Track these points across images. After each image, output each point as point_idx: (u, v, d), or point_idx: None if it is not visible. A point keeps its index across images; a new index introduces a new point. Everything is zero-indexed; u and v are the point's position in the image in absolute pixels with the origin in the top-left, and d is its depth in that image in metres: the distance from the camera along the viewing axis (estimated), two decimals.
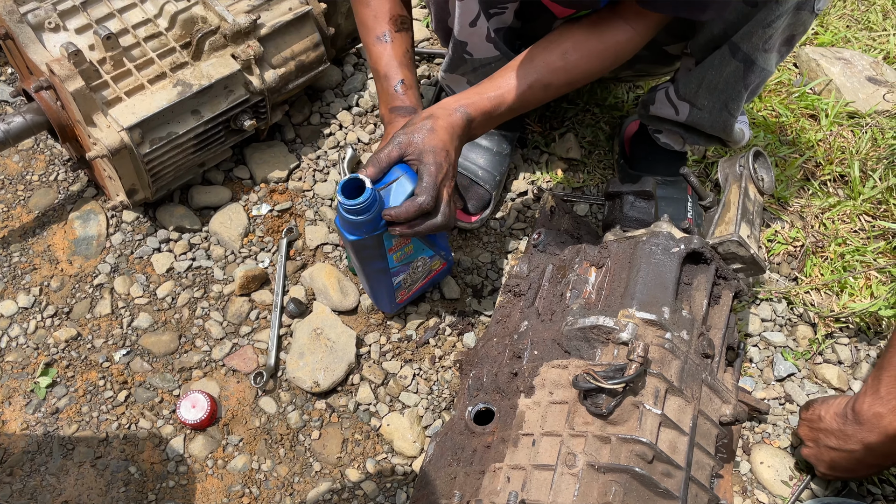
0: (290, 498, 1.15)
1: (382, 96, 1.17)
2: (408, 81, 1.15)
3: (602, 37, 1.07)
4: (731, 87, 1.15)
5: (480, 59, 1.22)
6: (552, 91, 1.10)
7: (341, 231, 1.04)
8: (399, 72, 1.15)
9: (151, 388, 1.23)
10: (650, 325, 0.92)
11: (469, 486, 0.95)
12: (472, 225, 1.38)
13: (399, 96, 1.14)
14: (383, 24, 1.16)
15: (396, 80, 1.15)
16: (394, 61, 1.15)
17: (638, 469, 0.83)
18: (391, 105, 1.15)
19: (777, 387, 1.28)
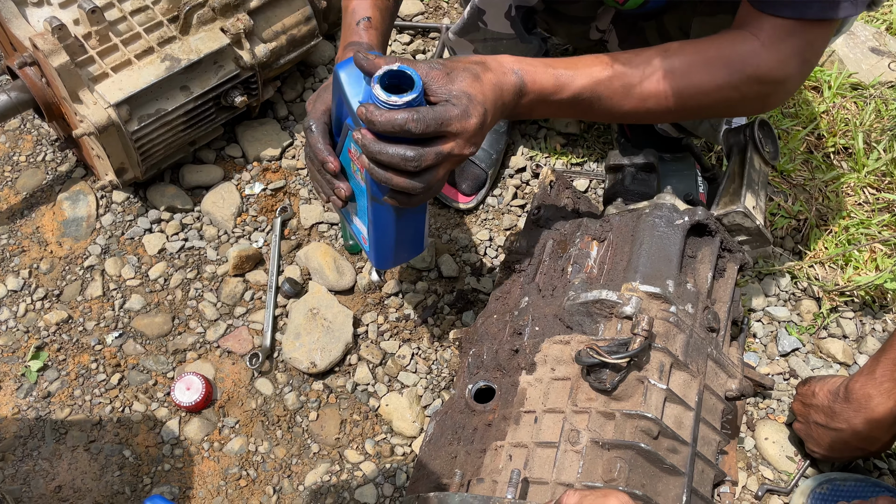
0: (288, 480, 1.13)
1: (344, 30, 1.00)
2: (374, 21, 0.97)
3: (720, 45, 0.86)
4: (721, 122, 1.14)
5: (493, 33, 1.16)
6: (636, 98, 0.87)
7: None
8: (368, 9, 0.98)
9: (145, 370, 1.20)
10: (654, 299, 0.89)
11: (470, 465, 0.93)
12: (467, 205, 1.36)
13: (358, 31, 0.96)
14: None
15: (361, 16, 0.97)
16: (365, 2, 0.98)
17: (643, 445, 0.81)
18: (348, 40, 0.96)
19: (781, 362, 1.26)
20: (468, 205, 1.36)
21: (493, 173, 1.37)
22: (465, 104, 0.77)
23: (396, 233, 0.91)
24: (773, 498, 1.14)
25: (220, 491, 1.12)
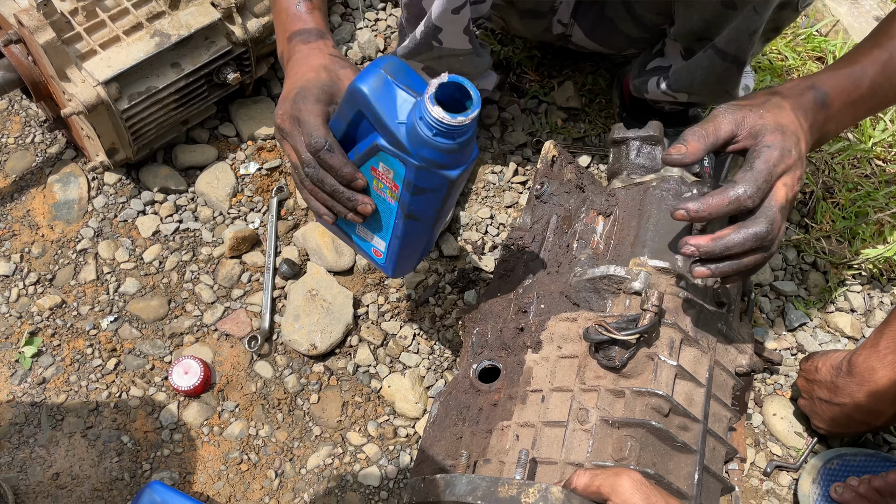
0: (290, 463, 1.12)
1: (280, 23, 0.90)
2: (316, 2, 0.89)
3: None
4: (726, 79, 1.11)
5: (448, 50, 1.05)
6: None
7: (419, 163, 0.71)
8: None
9: (142, 355, 1.18)
10: (663, 274, 0.87)
11: (476, 446, 0.91)
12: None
13: (301, 16, 0.88)
14: None
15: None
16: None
17: (654, 423, 0.79)
18: (290, 30, 0.88)
19: (789, 337, 1.24)
20: None
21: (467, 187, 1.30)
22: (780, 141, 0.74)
23: (425, 244, 0.88)
24: (782, 474, 1.13)
25: (221, 475, 1.10)
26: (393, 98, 0.70)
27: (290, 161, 0.83)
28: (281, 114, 0.81)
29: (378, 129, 0.73)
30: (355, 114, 0.74)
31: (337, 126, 0.78)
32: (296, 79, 0.82)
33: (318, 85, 0.80)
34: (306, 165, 0.79)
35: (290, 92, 0.81)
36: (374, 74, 0.70)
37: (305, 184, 0.82)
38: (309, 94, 0.79)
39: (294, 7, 0.88)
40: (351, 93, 0.72)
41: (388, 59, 0.72)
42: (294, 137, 0.80)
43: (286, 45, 0.88)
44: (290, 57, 0.87)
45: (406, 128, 0.70)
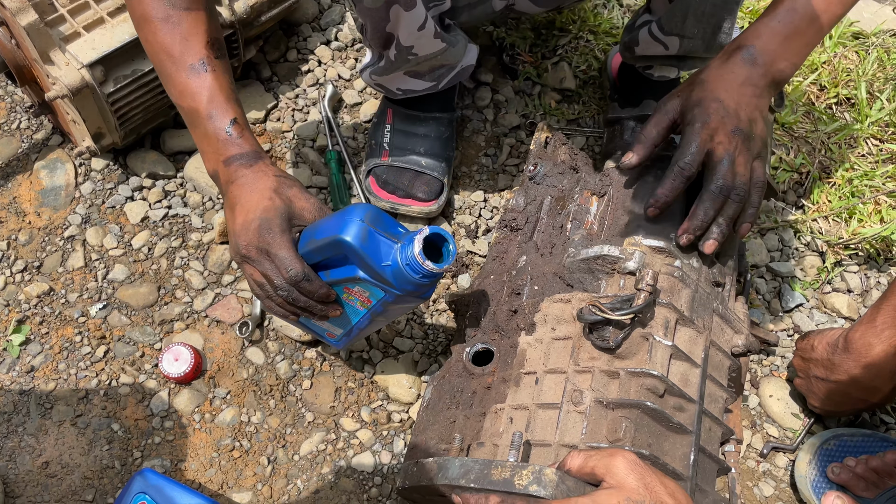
0: (283, 450, 1.10)
1: (209, 145, 0.89)
2: (241, 120, 0.90)
3: None
4: (721, 9, 1.07)
5: (425, 56, 1.08)
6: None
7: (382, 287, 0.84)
8: (228, 108, 0.89)
9: (131, 342, 1.17)
10: (658, 253, 0.86)
11: (469, 430, 0.90)
12: (430, 209, 1.24)
13: (234, 141, 0.88)
14: (199, 49, 0.88)
15: (226, 121, 0.88)
16: (219, 96, 0.88)
17: (649, 404, 0.78)
18: (226, 154, 0.88)
19: (785, 318, 1.23)
20: (431, 208, 1.24)
21: (447, 181, 1.27)
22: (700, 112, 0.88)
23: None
24: (779, 455, 1.12)
25: (213, 463, 1.09)
26: (377, 246, 0.82)
27: (254, 279, 0.88)
28: (245, 245, 0.85)
29: (363, 269, 0.84)
30: (338, 255, 0.84)
31: (310, 257, 0.86)
32: (250, 206, 0.86)
33: (278, 214, 0.85)
34: (279, 290, 0.86)
35: (251, 222, 0.85)
36: (358, 227, 0.81)
37: (274, 300, 0.88)
38: (273, 226, 0.84)
39: (223, 133, 0.89)
40: (338, 244, 0.82)
41: (364, 209, 0.82)
42: (263, 265, 0.86)
43: (222, 167, 0.90)
44: (231, 181, 0.89)
45: (391, 269, 0.82)
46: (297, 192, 0.89)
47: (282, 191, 0.88)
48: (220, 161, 0.89)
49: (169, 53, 0.89)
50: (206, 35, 0.89)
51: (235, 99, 0.91)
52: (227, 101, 0.89)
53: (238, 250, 0.87)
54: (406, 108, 1.27)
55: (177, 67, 0.89)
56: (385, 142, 1.27)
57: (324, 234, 0.84)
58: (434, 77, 1.17)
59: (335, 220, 0.84)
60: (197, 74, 0.88)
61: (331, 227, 0.83)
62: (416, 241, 0.80)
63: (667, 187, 0.87)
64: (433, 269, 0.81)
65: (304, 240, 0.87)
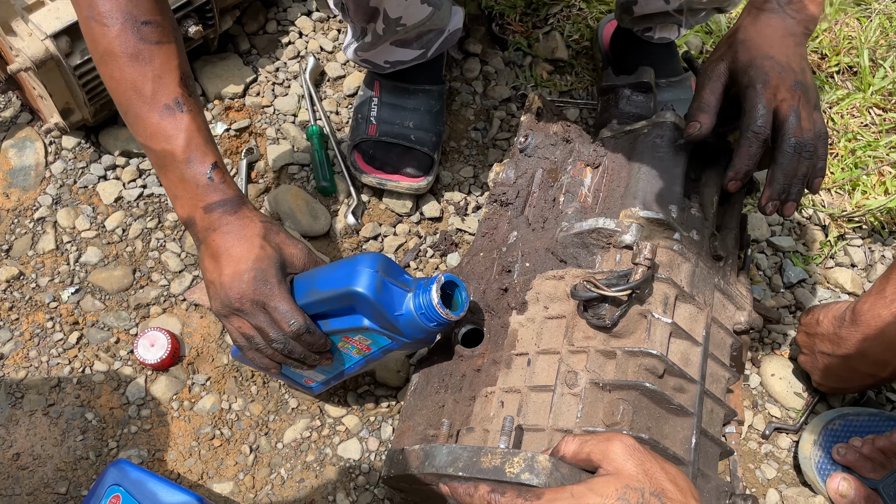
0: (266, 438, 1.06)
1: (186, 191, 0.83)
2: (221, 164, 0.84)
3: None
4: None
5: (414, 24, 1.03)
6: None
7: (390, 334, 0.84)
8: (208, 152, 0.83)
9: (105, 327, 1.11)
10: (656, 226, 0.81)
11: (459, 414, 0.85)
12: (419, 185, 1.18)
13: (216, 187, 0.83)
14: (173, 87, 0.82)
15: (207, 165, 0.82)
16: (197, 138, 0.82)
17: (648, 385, 0.73)
18: (207, 201, 0.83)
19: (787, 294, 1.19)
20: (421, 184, 1.18)
21: (437, 156, 1.21)
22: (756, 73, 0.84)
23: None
24: (781, 436, 1.08)
25: (193, 452, 1.04)
26: (391, 296, 0.80)
27: (242, 332, 0.84)
28: (237, 297, 0.81)
29: (373, 320, 0.82)
30: (344, 306, 0.82)
31: (310, 307, 0.83)
32: (240, 256, 0.82)
33: (272, 263, 0.81)
34: (275, 342, 0.82)
35: (242, 273, 0.80)
36: (372, 279, 0.79)
37: (265, 352, 0.85)
38: (269, 277, 0.80)
39: (203, 178, 0.83)
40: (350, 296, 0.80)
41: (374, 258, 0.81)
42: (257, 318, 0.82)
43: (200, 214, 0.84)
44: (213, 228, 0.83)
45: (404, 318, 0.81)
46: (285, 238, 0.86)
47: (270, 238, 0.84)
48: (198, 207, 0.83)
49: (139, 92, 0.81)
50: (178, 70, 0.83)
51: (213, 140, 0.86)
52: (205, 143, 0.83)
53: (229, 303, 0.82)
54: (394, 80, 1.21)
55: (149, 108, 0.81)
56: (372, 115, 1.21)
57: (331, 285, 0.81)
58: (422, 44, 1.12)
59: (343, 270, 0.82)
60: (172, 115, 0.81)
61: (340, 279, 0.81)
62: (434, 290, 0.79)
63: (744, 155, 0.82)
64: (451, 317, 0.81)
65: (301, 289, 0.84)
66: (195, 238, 0.86)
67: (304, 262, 0.86)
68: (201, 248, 0.85)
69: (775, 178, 0.83)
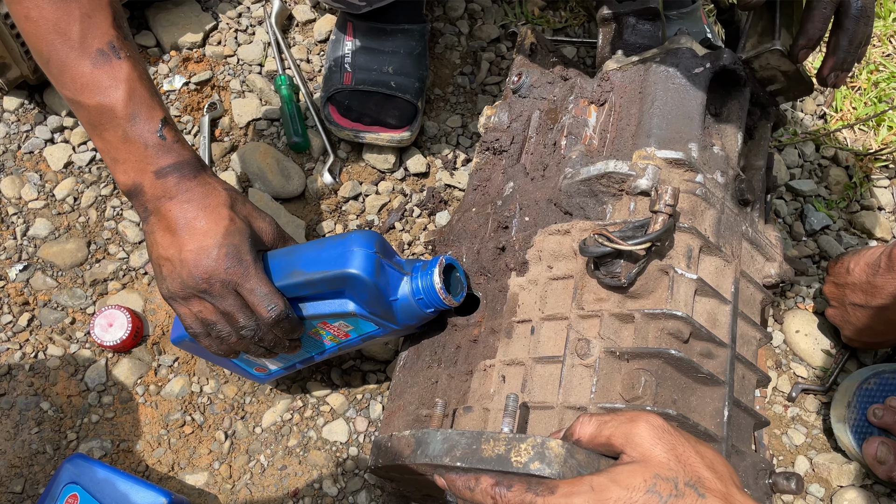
0: (242, 422, 0.96)
1: (131, 153, 0.70)
2: (170, 119, 0.72)
3: None
4: None
5: None
6: None
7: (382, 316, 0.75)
8: (155, 105, 0.71)
9: (59, 307, 1.00)
10: (675, 167, 0.70)
11: (455, 391, 0.75)
12: (402, 137, 1.06)
13: (169, 147, 0.71)
14: (105, 28, 0.69)
15: (156, 121, 0.70)
16: (140, 89, 0.70)
17: (673, 352, 0.63)
18: (158, 164, 0.70)
19: (810, 243, 1.09)
20: (403, 135, 1.06)
21: (421, 104, 1.09)
22: None
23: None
24: (809, 398, 0.99)
25: (162, 441, 0.94)
26: (387, 280, 0.73)
27: (203, 318, 0.73)
28: (204, 277, 0.70)
29: (364, 305, 0.73)
30: (332, 290, 0.74)
31: (289, 290, 0.74)
32: (205, 229, 0.71)
33: (244, 238, 0.72)
34: (244, 329, 0.73)
35: (209, 249, 0.70)
36: (370, 260, 0.71)
37: (226, 339, 0.74)
38: (243, 254, 0.71)
39: (153, 137, 0.70)
40: (343, 279, 0.71)
41: (369, 237, 0.73)
42: (226, 301, 0.71)
43: (150, 180, 0.71)
44: (169, 196, 0.71)
45: (398, 304, 0.74)
46: (252, 210, 0.76)
47: (238, 208, 0.74)
48: (147, 172, 0.71)
49: (64, 36, 0.68)
50: (110, 8, 0.69)
51: (158, 92, 0.73)
52: (150, 95, 0.71)
53: (192, 284, 0.70)
54: (370, 20, 1.08)
55: (78, 54, 0.68)
56: (347, 62, 1.09)
57: (319, 266, 0.72)
58: None
59: (333, 250, 0.73)
60: (107, 62, 0.68)
61: (330, 259, 0.72)
62: (436, 273, 0.73)
63: (817, 19, 0.72)
64: (453, 303, 0.75)
65: (278, 269, 0.74)
66: (141, 209, 0.73)
67: (273, 238, 0.77)
68: (150, 221, 0.73)
69: (840, 46, 0.74)
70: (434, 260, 0.75)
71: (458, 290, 0.76)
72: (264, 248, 0.76)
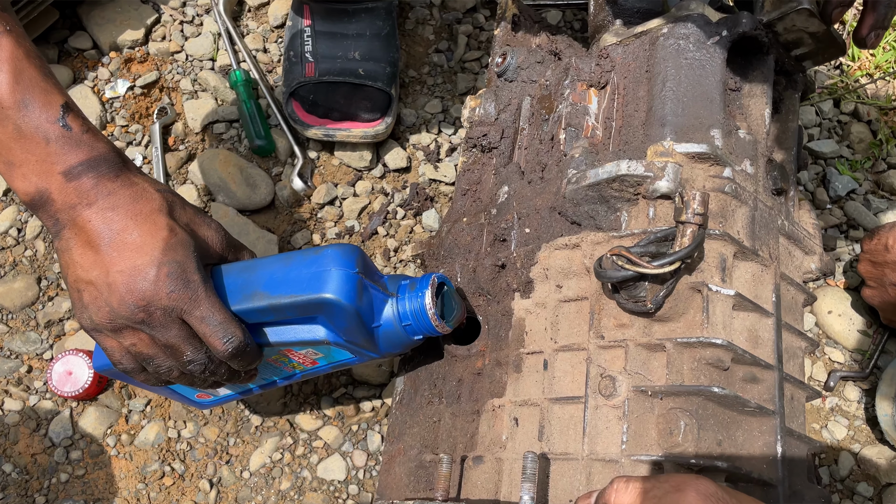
0: (228, 467, 0.86)
1: (28, 151, 0.57)
2: (73, 105, 0.59)
3: None
4: None
5: None
6: None
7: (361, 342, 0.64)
8: (50, 89, 0.57)
9: (12, 354, 0.90)
10: (698, 162, 0.59)
11: (460, 433, 0.66)
12: (377, 130, 0.95)
13: (76, 139, 0.57)
14: None
15: (54, 108, 0.57)
16: (30, 69, 0.57)
17: (717, 390, 0.53)
18: (67, 163, 0.57)
19: (835, 210, 0.99)
20: (378, 128, 0.95)
21: (395, 91, 0.97)
22: None
23: None
24: (848, 386, 0.90)
25: (141, 496, 0.85)
26: (370, 304, 0.63)
27: (137, 351, 0.60)
28: (141, 303, 0.57)
29: (341, 332, 0.63)
30: (302, 316, 0.63)
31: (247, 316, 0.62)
32: (138, 243, 0.58)
33: (188, 253, 0.59)
34: (192, 363, 0.61)
35: (145, 269, 0.57)
36: (352, 283, 0.60)
37: (166, 376, 0.62)
38: (190, 273, 0.58)
39: (53, 127, 0.57)
40: (320, 305, 0.60)
41: (351, 253, 0.62)
42: (169, 332, 0.59)
43: (59, 184, 0.57)
44: (87, 202, 0.58)
45: (381, 330, 0.64)
46: (194, 215, 0.63)
47: (177, 214, 0.61)
48: (53, 174, 0.57)
49: None
50: None
51: (53, 74, 0.59)
52: (43, 76, 0.57)
53: (125, 313, 0.58)
54: (327, 1, 0.96)
55: None
56: (307, 51, 0.97)
57: (289, 289, 0.61)
58: None
59: (306, 268, 0.61)
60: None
61: (303, 281, 0.61)
62: (428, 295, 0.63)
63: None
64: (446, 329, 0.64)
65: (235, 289, 0.62)
66: (50, 222, 0.59)
67: (222, 248, 0.64)
68: (64, 236, 0.59)
69: (879, 1, 0.63)
70: (424, 279, 0.64)
71: (451, 313, 0.66)
72: (212, 263, 0.63)
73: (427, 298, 0.63)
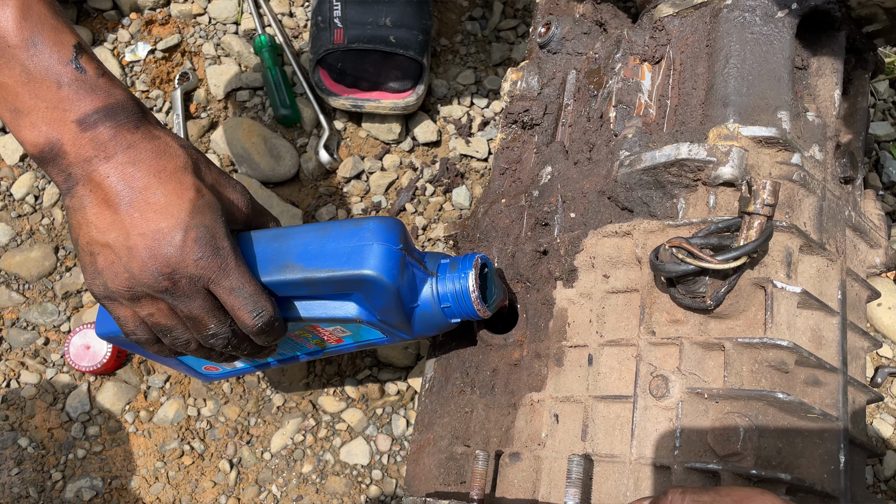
0: (249, 447, 0.84)
1: (38, 96, 0.51)
2: (86, 45, 0.54)
3: None
4: None
5: None
6: None
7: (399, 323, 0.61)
8: (60, 27, 0.52)
9: (29, 326, 0.87)
10: (765, 147, 0.55)
11: (494, 426, 0.62)
12: (407, 102, 0.91)
13: (91, 83, 0.52)
14: None
15: (66, 48, 0.52)
16: (38, 4, 0.51)
17: (781, 395, 0.49)
18: (82, 110, 0.52)
19: (888, 198, 0.94)
20: (409, 100, 0.91)
21: (426, 61, 0.92)
22: None
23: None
24: None
25: (159, 475, 0.83)
26: (412, 283, 0.59)
27: (155, 322, 0.56)
28: (166, 270, 0.53)
29: (376, 311, 0.59)
30: (338, 293, 0.59)
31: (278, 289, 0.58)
32: (162, 203, 0.53)
33: (217, 218, 0.55)
34: (215, 337, 0.57)
35: (171, 233, 0.52)
36: (394, 259, 0.57)
37: (186, 348, 0.59)
38: (219, 240, 0.54)
39: (66, 70, 0.51)
40: (359, 282, 0.57)
41: (393, 227, 0.58)
42: (193, 303, 0.55)
43: (73, 133, 0.52)
44: (105, 155, 0.52)
45: (418, 311, 0.61)
46: (219, 176, 0.58)
47: (203, 174, 0.56)
48: (66, 122, 0.52)
49: None
50: None
51: (64, 13, 0.53)
52: (54, 14, 0.52)
53: (150, 280, 0.53)
54: None
55: None
56: (336, 17, 0.92)
57: (325, 262, 0.57)
58: None
59: (344, 241, 0.57)
60: None
61: (342, 255, 0.57)
62: (471, 277, 0.59)
63: None
64: (487, 314, 0.61)
65: (265, 259, 0.58)
66: (61, 177, 0.54)
67: (248, 214, 0.60)
68: (77, 193, 0.53)
69: None
70: (466, 259, 0.60)
71: (492, 296, 0.62)
72: (237, 228, 0.59)
73: (470, 280, 0.59)
